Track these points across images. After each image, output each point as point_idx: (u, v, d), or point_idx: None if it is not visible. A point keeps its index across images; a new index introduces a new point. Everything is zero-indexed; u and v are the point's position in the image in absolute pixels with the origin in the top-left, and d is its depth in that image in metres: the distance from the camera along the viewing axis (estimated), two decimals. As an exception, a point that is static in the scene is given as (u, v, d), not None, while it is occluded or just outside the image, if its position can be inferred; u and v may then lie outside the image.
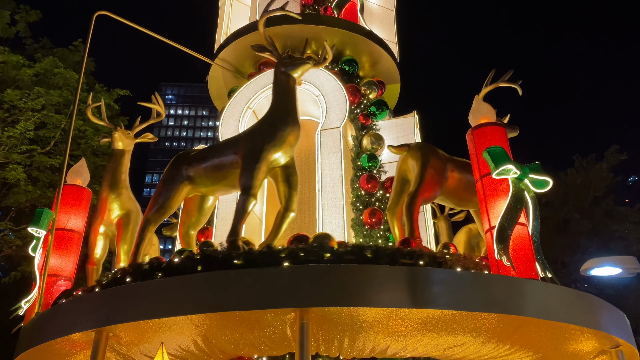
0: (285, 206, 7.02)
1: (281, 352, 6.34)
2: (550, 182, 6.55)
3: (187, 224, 7.88)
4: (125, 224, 8.39)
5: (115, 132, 8.84)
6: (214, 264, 5.66)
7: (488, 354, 6.28)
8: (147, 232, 7.30)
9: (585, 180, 25.72)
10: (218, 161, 7.30)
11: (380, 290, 5.22)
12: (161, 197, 7.40)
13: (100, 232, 8.37)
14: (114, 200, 8.41)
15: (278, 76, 7.48)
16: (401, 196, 8.02)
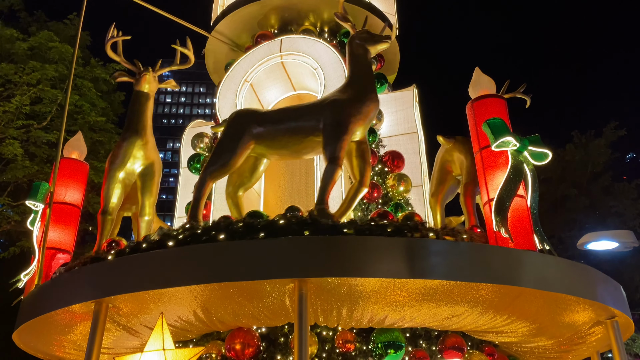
0: (361, 181, 7.04)
1: (280, 323, 6.40)
2: (550, 155, 6.52)
3: (238, 184, 7.71)
4: (151, 175, 7.99)
5: (147, 73, 8.33)
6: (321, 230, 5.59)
7: (485, 324, 6.34)
8: (206, 188, 7.05)
9: (583, 157, 25.70)
10: (295, 125, 7.17)
11: (378, 260, 5.24)
12: (226, 153, 7.13)
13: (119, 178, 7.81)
14: (140, 147, 7.92)
15: (355, 49, 7.50)
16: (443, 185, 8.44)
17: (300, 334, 5.14)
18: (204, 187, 7.04)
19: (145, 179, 7.92)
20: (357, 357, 6.41)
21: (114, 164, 7.79)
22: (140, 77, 8.31)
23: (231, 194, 7.70)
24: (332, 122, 6.84)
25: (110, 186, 7.69)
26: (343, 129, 6.76)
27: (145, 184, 7.90)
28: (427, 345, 6.70)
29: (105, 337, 6.60)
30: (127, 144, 7.85)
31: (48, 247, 7.40)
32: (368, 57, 7.46)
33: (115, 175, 7.75)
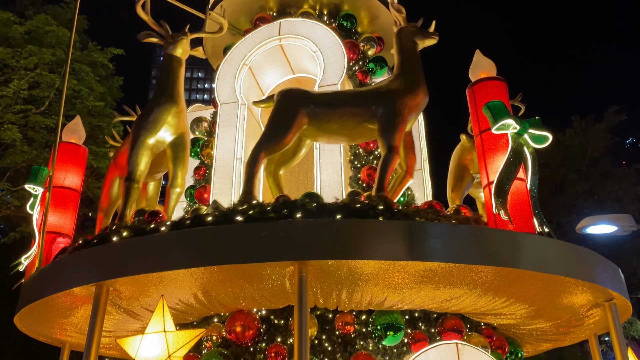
0: (407, 171, 7.32)
1: (280, 305, 6.43)
2: (550, 137, 6.51)
3: (280, 162, 7.71)
4: (183, 145, 7.68)
5: (184, 37, 7.99)
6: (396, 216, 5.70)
7: (484, 306, 6.38)
8: (259, 164, 6.92)
9: (583, 141, 25.67)
10: (351, 110, 7.21)
11: (378, 243, 5.25)
12: (282, 130, 7.04)
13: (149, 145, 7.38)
14: (175, 115, 7.54)
15: (405, 42, 7.68)
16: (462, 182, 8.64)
17: (300, 316, 5.18)
18: (258, 162, 6.95)
19: (178, 149, 7.56)
20: (356, 339, 6.45)
21: (145, 129, 7.31)
22: (176, 40, 7.94)
23: (273, 172, 7.71)
24: (390, 111, 6.98)
25: (139, 152, 7.21)
26: (400, 118, 6.93)
27: (178, 154, 7.55)
28: (426, 328, 6.74)
29: (107, 320, 6.65)
30: (161, 110, 7.42)
31: (48, 231, 7.41)
32: (417, 50, 7.67)
33: (145, 142, 7.28)
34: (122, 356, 8.58)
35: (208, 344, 6.69)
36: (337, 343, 6.39)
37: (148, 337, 4.94)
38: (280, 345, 6.29)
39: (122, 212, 7.05)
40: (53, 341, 8.41)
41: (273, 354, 6.20)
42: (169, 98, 7.55)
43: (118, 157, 8.21)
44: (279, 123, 7.13)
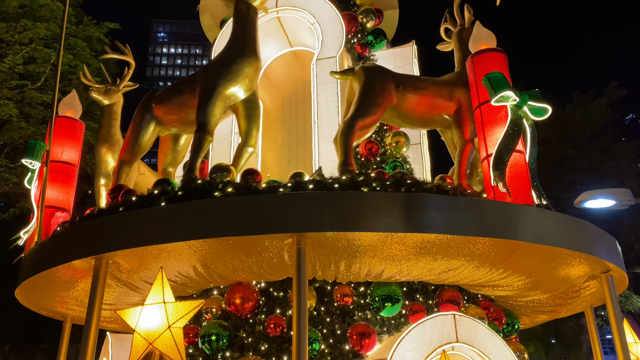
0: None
1: (279, 278, 6.47)
2: (549, 109, 6.45)
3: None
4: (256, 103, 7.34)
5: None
6: None
7: (481, 277, 6.43)
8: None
9: (583, 117, 25.56)
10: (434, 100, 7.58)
11: (376, 215, 5.26)
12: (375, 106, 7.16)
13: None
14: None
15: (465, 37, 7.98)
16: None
17: (298, 288, 5.22)
18: (353, 133, 6.93)
19: (252, 107, 7.21)
20: (354, 311, 6.51)
21: (225, 79, 6.90)
22: None
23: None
24: (468, 106, 7.28)
25: (217, 104, 6.79)
26: (472, 114, 7.14)
27: (252, 112, 7.19)
28: (423, 299, 6.80)
29: (107, 293, 6.70)
30: (245, 62, 6.98)
31: (46, 205, 7.40)
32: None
33: (224, 93, 6.86)
34: (124, 329, 8.67)
35: (208, 316, 6.76)
36: (335, 314, 6.45)
37: (147, 308, 4.97)
38: (279, 316, 6.35)
39: (190, 165, 6.65)
40: (55, 315, 8.48)
41: (272, 325, 6.26)
42: (253, 52, 7.14)
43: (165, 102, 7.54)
44: (373, 98, 7.17)
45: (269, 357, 6.21)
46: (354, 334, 6.19)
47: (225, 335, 6.38)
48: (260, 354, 6.23)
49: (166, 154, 7.94)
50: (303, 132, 9.23)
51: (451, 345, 6.01)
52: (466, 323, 6.18)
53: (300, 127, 9.43)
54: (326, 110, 8.40)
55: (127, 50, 9.37)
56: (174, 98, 7.42)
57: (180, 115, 7.39)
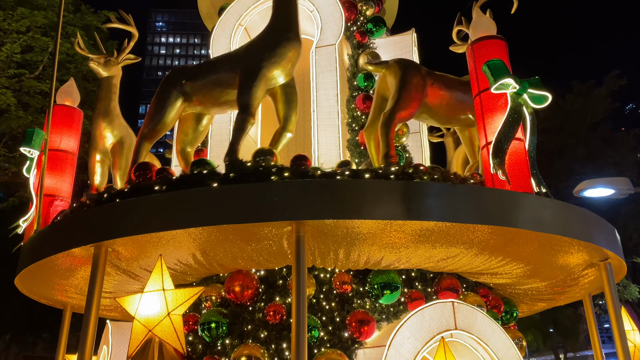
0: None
1: (279, 265, 6.49)
2: (549, 97, 6.42)
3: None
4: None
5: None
6: None
7: (480, 265, 6.44)
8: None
9: (583, 106, 25.52)
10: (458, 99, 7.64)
11: (375, 203, 5.26)
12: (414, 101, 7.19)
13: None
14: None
15: None
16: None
17: (298, 276, 5.23)
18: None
19: (291, 92, 7.14)
20: (353, 298, 6.53)
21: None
22: None
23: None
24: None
25: (261, 86, 6.71)
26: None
27: (292, 97, 7.11)
28: (422, 287, 6.82)
29: (106, 281, 6.71)
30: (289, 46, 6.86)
31: (45, 194, 7.39)
32: None
33: (267, 75, 6.78)
34: (124, 318, 8.70)
35: (207, 303, 6.77)
36: (334, 302, 6.47)
37: (147, 295, 4.98)
38: (278, 304, 6.37)
39: (232, 146, 6.52)
40: (54, 303, 8.50)
41: (272, 312, 6.28)
42: (296, 35, 7.03)
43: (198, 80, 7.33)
44: (411, 94, 7.17)
45: (269, 344, 6.24)
46: (353, 321, 6.22)
47: (225, 323, 6.41)
48: (260, 341, 6.26)
49: (186, 134, 7.69)
50: (302, 120, 9.17)
51: (450, 332, 6.04)
52: (465, 310, 6.20)
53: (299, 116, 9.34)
54: (325, 98, 8.37)
55: (130, 20, 9.00)
56: (209, 76, 7.24)
57: (213, 95, 7.24)
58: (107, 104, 8.38)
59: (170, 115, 7.30)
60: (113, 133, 8.24)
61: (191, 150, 7.77)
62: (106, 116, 8.29)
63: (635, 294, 23.28)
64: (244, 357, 5.93)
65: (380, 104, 7.62)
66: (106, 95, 8.43)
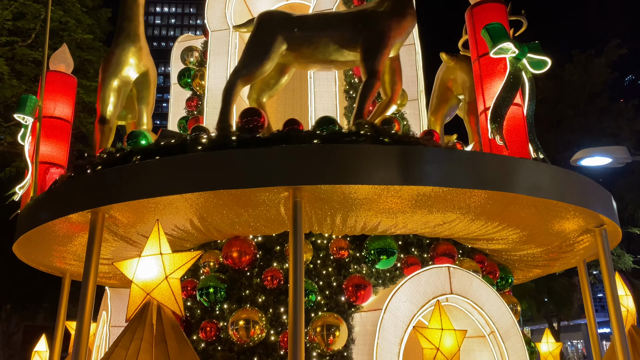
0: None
1: (276, 232, 6.51)
2: (549, 62, 6.35)
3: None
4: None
5: None
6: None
7: (476, 230, 6.47)
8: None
9: (582, 76, 25.34)
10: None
11: (372, 168, 5.24)
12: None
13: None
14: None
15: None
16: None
17: (295, 241, 5.25)
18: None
19: (398, 64, 7.33)
20: (350, 263, 6.58)
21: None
22: None
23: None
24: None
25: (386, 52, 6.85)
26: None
27: (397, 69, 7.30)
28: (418, 253, 6.86)
29: (104, 248, 6.74)
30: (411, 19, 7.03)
31: (41, 161, 7.36)
32: None
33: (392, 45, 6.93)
34: (123, 285, 8.77)
35: (205, 269, 6.82)
36: (331, 267, 6.52)
37: (144, 259, 5.01)
38: (276, 269, 6.42)
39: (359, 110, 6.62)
40: (53, 270, 8.56)
41: (269, 277, 6.33)
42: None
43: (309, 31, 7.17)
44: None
45: (267, 309, 6.31)
46: (349, 286, 6.28)
47: (223, 288, 6.46)
48: (258, 305, 6.32)
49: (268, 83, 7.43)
50: (299, 87, 9.10)
51: (445, 296, 6.11)
52: (460, 275, 6.26)
53: (296, 83, 9.27)
54: (322, 64, 8.23)
55: None
56: (325, 31, 7.03)
57: (326, 50, 7.05)
58: (136, 26, 7.64)
59: (272, 61, 6.95)
60: (141, 62, 7.60)
61: (266, 102, 7.64)
62: (135, 40, 7.58)
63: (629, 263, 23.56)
64: (242, 320, 6.01)
65: (444, 93, 8.17)
66: (134, 16, 7.66)
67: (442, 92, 8.41)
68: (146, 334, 4.68)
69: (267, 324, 6.14)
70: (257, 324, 6.02)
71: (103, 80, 7.46)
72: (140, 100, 7.66)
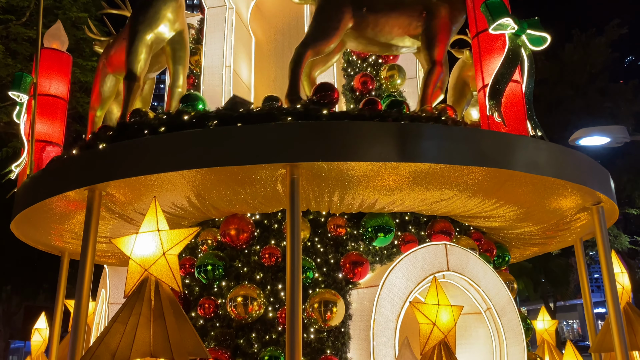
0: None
1: (273, 209, 6.51)
2: (549, 39, 6.29)
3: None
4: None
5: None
6: None
7: (474, 208, 6.48)
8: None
9: (582, 56, 25.19)
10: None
11: (369, 144, 5.22)
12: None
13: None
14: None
15: None
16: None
17: (292, 218, 5.25)
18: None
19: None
20: (348, 241, 6.59)
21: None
22: None
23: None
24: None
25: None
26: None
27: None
28: (415, 230, 6.88)
29: (102, 226, 6.75)
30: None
31: (37, 139, 7.31)
32: None
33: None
34: (122, 264, 8.80)
35: (203, 247, 6.83)
36: (329, 245, 6.53)
37: (142, 236, 4.99)
38: (274, 247, 6.43)
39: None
40: (52, 249, 8.58)
41: (267, 255, 6.35)
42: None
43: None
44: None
45: (264, 286, 6.34)
46: (347, 263, 6.30)
47: (221, 265, 6.48)
48: (256, 282, 6.35)
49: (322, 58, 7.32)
50: (296, 65, 8.99)
51: (442, 273, 6.13)
52: (457, 252, 6.28)
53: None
54: (320, 42, 8.14)
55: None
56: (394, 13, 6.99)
57: (386, 35, 7.04)
58: None
59: (339, 37, 6.88)
60: (178, 20, 7.12)
61: (317, 76, 7.61)
62: None
63: (626, 243, 23.72)
64: (240, 297, 6.04)
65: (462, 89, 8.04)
66: None
67: (459, 86, 8.30)
68: (144, 309, 4.68)
69: (265, 301, 6.18)
70: (255, 300, 6.06)
71: (134, 33, 6.81)
72: (177, 60, 7.20)
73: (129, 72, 6.80)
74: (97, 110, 7.69)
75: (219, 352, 6.01)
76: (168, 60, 7.26)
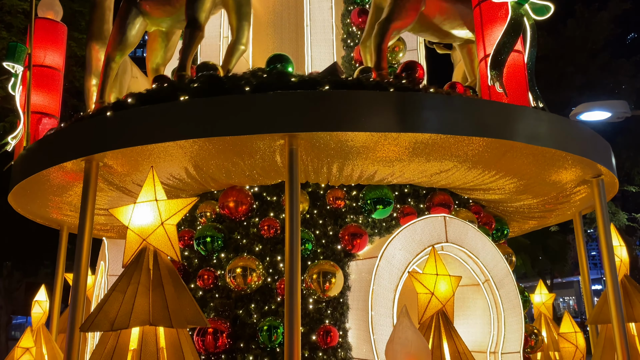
0: None
1: (272, 181, 6.47)
2: (552, 8, 6.17)
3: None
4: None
5: None
6: None
7: (473, 180, 6.44)
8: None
9: (584, 32, 24.89)
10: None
11: (369, 114, 5.15)
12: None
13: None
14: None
15: None
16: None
17: (291, 189, 5.22)
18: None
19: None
20: (346, 213, 6.57)
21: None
22: None
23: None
24: None
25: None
26: None
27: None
28: (415, 203, 6.86)
29: (100, 198, 6.72)
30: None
31: (33, 111, 7.24)
32: None
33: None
34: (121, 237, 8.81)
35: (202, 219, 6.81)
36: (328, 217, 6.52)
37: (140, 205, 4.96)
38: (273, 219, 6.41)
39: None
40: (50, 223, 8.57)
41: (266, 226, 6.34)
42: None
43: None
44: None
45: (264, 257, 6.35)
46: (345, 235, 6.29)
47: (220, 237, 6.48)
48: (255, 254, 6.35)
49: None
50: (295, 37, 8.87)
51: (441, 245, 6.13)
52: (456, 224, 6.27)
53: (292, 32, 9.05)
54: (319, 11, 8.07)
55: None
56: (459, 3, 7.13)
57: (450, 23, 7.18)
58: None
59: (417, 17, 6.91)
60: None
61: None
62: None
63: (624, 220, 23.78)
64: (239, 268, 6.04)
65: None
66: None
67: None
68: (143, 278, 4.68)
69: (264, 272, 6.19)
70: (254, 271, 6.06)
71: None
72: (241, 16, 6.81)
73: (193, 19, 6.35)
74: (117, 55, 6.89)
75: (218, 323, 6.04)
76: (231, 16, 6.82)
